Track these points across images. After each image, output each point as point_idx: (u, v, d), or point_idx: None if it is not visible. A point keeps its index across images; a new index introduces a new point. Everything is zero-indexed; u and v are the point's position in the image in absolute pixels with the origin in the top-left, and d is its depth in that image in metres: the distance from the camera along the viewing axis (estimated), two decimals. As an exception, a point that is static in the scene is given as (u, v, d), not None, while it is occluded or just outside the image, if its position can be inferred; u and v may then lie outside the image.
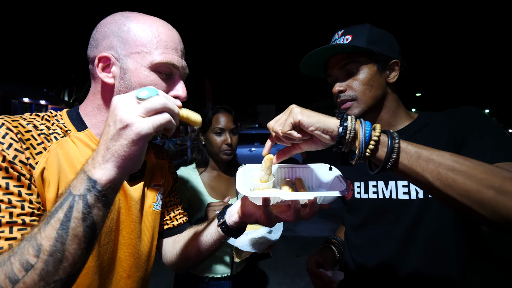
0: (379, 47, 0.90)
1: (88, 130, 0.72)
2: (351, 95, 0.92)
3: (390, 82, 0.94)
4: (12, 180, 0.55)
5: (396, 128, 0.96)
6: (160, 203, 0.88)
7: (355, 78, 0.91)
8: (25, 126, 0.62)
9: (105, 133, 0.50)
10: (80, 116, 0.74)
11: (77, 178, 0.50)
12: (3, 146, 0.56)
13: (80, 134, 0.71)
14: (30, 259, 0.45)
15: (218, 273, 1.43)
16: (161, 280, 3.13)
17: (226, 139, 1.46)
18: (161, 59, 0.68)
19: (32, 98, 13.66)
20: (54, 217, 0.47)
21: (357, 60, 0.91)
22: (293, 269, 3.57)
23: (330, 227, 4.91)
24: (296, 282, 3.31)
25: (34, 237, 0.46)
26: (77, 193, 0.48)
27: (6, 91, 11.55)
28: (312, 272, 1.00)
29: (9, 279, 0.44)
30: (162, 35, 0.70)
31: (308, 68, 1.03)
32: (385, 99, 0.94)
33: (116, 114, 0.48)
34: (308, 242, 4.34)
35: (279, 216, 0.68)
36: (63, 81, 22.60)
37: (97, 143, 0.71)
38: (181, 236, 0.90)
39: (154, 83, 0.69)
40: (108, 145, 0.49)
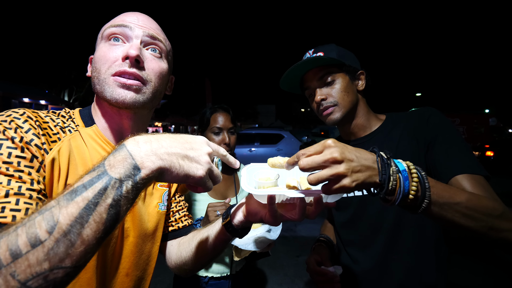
0: (347, 60, 1.06)
1: (95, 126, 0.74)
2: (332, 101, 1.04)
3: (360, 89, 1.09)
4: (24, 160, 0.56)
5: (370, 130, 1.09)
6: (165, 204, 0.88)
7: (333, 87, 1.05)
8: (43, 118, 0.66)
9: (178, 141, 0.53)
10: (90, 113, 0.77)
11: (117, 156, 0.46)
12: (22, 129, 0.58)
13: (87, 130, 0.73)
14: (40, 233, 0.39)
15: (218, 273, 1.43)
16: (161, 280, 3.13)
17: (224, 138, 1.45)
18: (109, 25, 0.72)
19: (32, 98, 13.67)
20: (81, 195, 0.42)
21: (332, 71, 1.05)
22: (293, 269, 3.57)
23: (330, 227, 4.91)
24: (296, 282, 3.31)
25: (50, 211, 0.41)
26: (115, 176, 0.44)
27: (6, 91, 11.56)
28: (314, 271, 1.04)
29: (10, 252, 0.38)
30: (120, 16, 0.74)
31: (287, 84, 1.15)
32: (358, 105, 1.09)
33: (201, 146, 0.56)
34: (308, 242, 4.34)
35: (284, 215, 0.68)
36: (63, 81, 22.62)
37: (103, 139, 0.73)
38: (186, 238, 0.89)
39: (104, 51, 0.70)
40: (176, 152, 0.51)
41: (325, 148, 0.57)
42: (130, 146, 0.47)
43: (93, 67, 0.72)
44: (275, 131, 10.09)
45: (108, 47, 0.70)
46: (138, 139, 0.49)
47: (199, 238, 0.83)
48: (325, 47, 1.06)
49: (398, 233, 0.97)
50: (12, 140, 0.56)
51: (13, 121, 0.58)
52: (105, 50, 0.70)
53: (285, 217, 0.68)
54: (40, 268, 0.39)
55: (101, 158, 0.49)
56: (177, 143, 0.52)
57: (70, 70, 21.92)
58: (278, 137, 9.65)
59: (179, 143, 0.52)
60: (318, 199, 0.65)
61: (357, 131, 1.10)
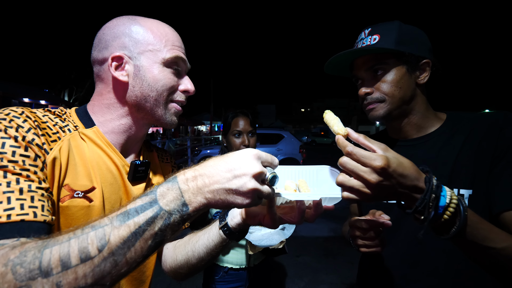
0: (409, 47, 0.85)
1: (95, 127, 0.74)
2: (378, 97, 0.88)
3: (420, 83, 0.89)
4: (28, 158, 0.57)
5: (426, 131, 0.92)
6: None
7: (383, 80, 0.87)
8: (42, 117, 0.66)
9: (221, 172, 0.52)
10: (88, 114, 0.76)
11: (169, 190, 0.50)
12: (23, 129, 0.58)
13: (88, 131, 0.72)
14: (90, 249, 0.43)
15: (237, 264, 1.58)
16: (161, 280, 3.14)
17: (244, 140, 1.60)
18: (172, 54, 0.74)
19: (32, 98, 13.65)
20: (132, 219, 0.46)
21: (385, 62, 0.87)
22: (293, 269, 3.57)
23: (330, 227, 4.91)
24: (296, 282, 3.31)
25: (102, 228, 0.45)
26: (165, 208, 0.48)
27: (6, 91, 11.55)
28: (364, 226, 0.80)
29: (61, 262, 0.41)
30: (168, 35, 0.76)
31: (332, 69, 1.01)
32: (414, 101, 0.90)
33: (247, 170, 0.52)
34: (308, 242, 4.34)
35: (283, 218, 0.67)
36: (63, 81, 22.60)
37: (105, 141, 0.73)
38: (182, 241, 0.88)
39: (167, 77, 0.75)
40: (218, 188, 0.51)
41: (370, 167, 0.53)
42: (181, 184, 0.51)
43: (148, 84, 0.73)
44: (275, 131, 10.09)
45: (170, 75, 0.76)
46: (187, 175, 0.52)
47: (195, 241, 0.81)
48: (385, 27, 0.87)
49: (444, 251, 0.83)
50: (15, 139, 0.56)
51: (13, 120, 0.58)
52: (168, 76, 0.75)
53: (284, 220, 0.67)
54: (84, 282, 0.42)
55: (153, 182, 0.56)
56: (220, 176, 0.51)
57: (70, 70, 21.90)
58: (278, 137, 9.65)
59: (222, 175, 0.51)
60: (317, 202, 0.64)
61: (409, 130, 0.93)
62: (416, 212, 0.56)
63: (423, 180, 0.56)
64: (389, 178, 0.54)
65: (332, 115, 0.64)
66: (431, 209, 0.55)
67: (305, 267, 3.63)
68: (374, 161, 0.53)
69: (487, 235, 0.60)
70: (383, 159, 0.53)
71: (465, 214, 0.57)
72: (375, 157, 0.53)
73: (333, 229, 4.83)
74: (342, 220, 1.22)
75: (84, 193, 0.66)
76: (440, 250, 0.83)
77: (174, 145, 10.99)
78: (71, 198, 0.64)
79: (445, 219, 0.56)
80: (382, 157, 0.53)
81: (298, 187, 0.71)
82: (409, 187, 0.56)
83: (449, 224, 0.58)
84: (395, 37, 0.85)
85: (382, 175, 0.53)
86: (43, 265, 0.41)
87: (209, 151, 9.59)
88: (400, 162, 0.55)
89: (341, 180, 0.56)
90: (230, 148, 1.63)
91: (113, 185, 0.73)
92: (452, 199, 0.57)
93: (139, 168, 0.78)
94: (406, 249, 0.89)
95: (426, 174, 0.57)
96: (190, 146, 11.54)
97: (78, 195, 0.65)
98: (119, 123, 0.76)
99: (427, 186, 0.56)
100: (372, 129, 37.50)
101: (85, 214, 0.66)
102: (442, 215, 0.56)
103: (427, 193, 0.55)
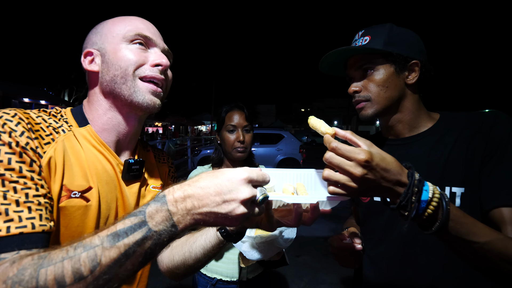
0: (397, 48, 0.89)
1: (89, 126, 0.74)
2: (365, 96, 0.92)
3: (409, 83, 0.91)
4: (24, 164, 0.56)
5: (418, 130, 0.93)
6: None
7: (371, 79, 0.91)
8: (35, 118, 0.65)
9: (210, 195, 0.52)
10: (83, 113, 0.77)
11: (158, 211, 0.50)
12: (16, 133, 0.57)
13: (81, 130, 0.72)
14: (83, 270, 0.45)
15: (227, 276, 1.40)
16: (161, 280, 3.14)
17: (238, 136, 1.45)
18: (132, 32, 0.74)
19: (32, 98, 13.65)
20: (122, 241, 0.47)
21: (373, 61, 0.90)
22: (293, 269, 3.57)
23: (330, 227, 4.92)
24: (296, 282, 3.31)
25: (93, 249, 0.46)
26: (154, 229, 0.49)
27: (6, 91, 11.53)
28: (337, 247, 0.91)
29: (56, 282, 0.44)
30: (132, 20, 0.77)
31: (326, 68, 1.04)
32: (404, 100, 0.92)
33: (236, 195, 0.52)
34: (308, 242, 4.34)
35: (281, 221, 0.67)
36: (63, 81, 22.59)
37: (98, 140, 0.73)
38: (179, 241, 0.88)
39: (131, 53, 0.72)
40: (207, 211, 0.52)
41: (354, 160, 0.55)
42: (170, 205, 0.51)
43: (112, 64, 0.72)
44: (275, 131, 10.10)
45: (135, 50, 0.73)
46: (176, 195, 0.52)
47: (192, 242, 0.81)
48: (376, 29, 0.91)
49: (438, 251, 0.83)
50: (9, 145, 0.55)
51: (5, 124, 0.57)
52: (132, 51, 0.73)
53: (281, 223, 0.67)
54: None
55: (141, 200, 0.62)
56: (209, 200, 0.51)
57: (70, 70, 21.89)
58: (278, 137, 9.65)
59: (211, 198, 0.51)
60: (314, 206, 0.65)
61: (401, 129, 0.95)
62: (400, 207, 0.58)
63: (406, 175, 0.58)
64: (373, 171, 0.55)
65: (316, 119, 0.67)
66: (414, 204, 0.57)
67: (305, 267, 3.63)
68: (358, 154, 0.55)
69: (471, 229, 0.61)
70: (366, 153, 0.55)
71: (448, 209, 0.58)
72: (358, 151, 0.55)
73: (333, 229, 4.83)
74: (342, 220, 1.22)
75: (81, 193, 0.66)
76: (433, 248, 0.84)
77: (174, 145, 10.99)
78: (68, 198, 0.64)
79: (428, 213, 0.58)
80: (365, 151, 0.55)
81: (296, 190, 0.72)
82: (393, 181, 0.57)
83: (432, 219, 0.59)
84: (384, 38, 0.89)
85: (366, 168, 0.55)
86: (40, 285, 0.44)
87: (209, 151, 9.58)
88: (383, 157, 0.57)
89: (327, 175, 0.58)
90: (224, 145, 1.48)
91: (109, 184, 0.73)
92: (435, 193, 0.58)
93: (133, 166, 0.77)
94: (399, 248, 0.90)
95: (409, 170, 0.59)
96: (190, 146, 11.55)
97: (75, 195, 0.65)
98: (106, 117, 0.76)
99: (410, 180, 0.57)
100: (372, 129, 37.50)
101: (82, 214, 0.66)
102: (425, 209, 0.58)
103: (410, 187, 0.57)
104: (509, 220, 0.72)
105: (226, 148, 1.48)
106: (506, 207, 0.73)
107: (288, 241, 1.17)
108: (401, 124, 0.94)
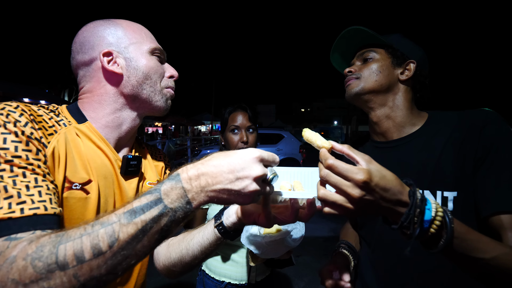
0: (398, 44, 0.95)
1: (88, 123, 0.75)
2: (356, 74, 0.95)
3: (402, 79, 0.92)
4: (31, 153, 0.58)
5: (407, 131, 0.92)
6: None
7: (368, 65, 0.95)
8: (36, 111, 0.67)
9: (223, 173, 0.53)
10: (80, 110, 0.78)
11: (172, 189, 0.52)
12: (20, 123, 0.59)
13: (81, 126, 0.74)
14: (102, 246, 0.46)
15: (236, 279, 1.38)
16: (161, 280, 3.14)
17: (242, 136, 1.45)
18: (153, 45, 0.82)
19: (32, 98, 13.63)
20: (139, 217, 0.49)
21: (374, 50, 0.96)
22: (293, 269, 3.57)
23: (330, 227, 4.92)
24: (296, 282, 3.32)
25: (111, 226, 0.48)
26: (169, 206, 0.51)
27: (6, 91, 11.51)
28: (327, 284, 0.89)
29: (76, 257, 0.45)
30: (143, 29, 0.85)
31: (337, 62, 1.09)
32: (395, 96, 0.93)
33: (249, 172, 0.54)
34: (308, 242, 4.33)
35: (278, 217, 0.69)
36: (63, 81, 22.58)
37: (98, 136, 0.75)
38: (175, 239, 0.88)
39: (156, 65, 0.82)
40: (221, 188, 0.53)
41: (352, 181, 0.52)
42: (184, 183, 0.53)
43: (141, 72, 0.78)
44: (275, 131, 10.11)
45: (156, 62, 0.83)
46: (190, 173, 0.54)
47: (190, 239, 0.82)
48: (389, 37, 0.97)
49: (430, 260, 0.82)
50: (15, 134, 0.57)
51: (9, 114, 0.59)
52: (156, 64, 0.83)
53: (278, 219, 0.69)
54: (98, 273, 0.46)
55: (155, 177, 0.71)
56: (223, 177, 0.53)
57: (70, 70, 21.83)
58: (278, 137, 9.66)
59: (225, 176, 0.53)
60: (311, 202, 0.66)
61: (390, 129, 0.94)
62: (402, 228, 0.55)
63: (407, 194, 0.55)
64: (371, 192, 0.52)
65: (311, 132, 0.65)
66: (417, 225, 0.54)
67: (305, 267, 3.63)
68: (356, 174, 0.51)
69: (476, 245, 0.58)
70: (365, 173, 0.51)
71: (452, 227, 0.55)
72: (357, 170, 0.52)
73: (333, 229, 4.83)
74: (342, 220, 1.22)
75: (82, 185, 0.68)
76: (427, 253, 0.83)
77: (174, 145, 10.98)
78: (69, 189, 0.66)
79: (431, 233, 0.55)
80: (364, 170, 0.52)
81: (293, 188, 0.73)
82: (393, 201, 0.54)
83: (436, 238, 0.56)
84: (391, 38, 0.96)
85: (364, 189, 0.51)
86: (59, 260, 0.44)
87: (209, 151, 9.59)
88: (383, 175, 0.53)
89: (323, 195, 0.55)
90: (228, 146, 1.48)
91: (107, 179, 0.74)
92: (438, 211, 0.55)
93: (131, 162, 0.79)
94: (395, 252, 0.89)
95: (410, 188, 0.56)
96: (190, 146, 11.54)
97: (76, 187, 0.67)
98: (114, 116, 0.78)
99: (411, 200, 0.54)
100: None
101: (82, 206, 0.68)
102: (428, 229, 0.55)
103: (412, 208, 0.54)
104: (509, 227, 0.69)
105: (230, 149, 1.48)
106: (505, 214, 0.70)
107: (297, 240, 1.16)
108: (390, 120, 0.93)
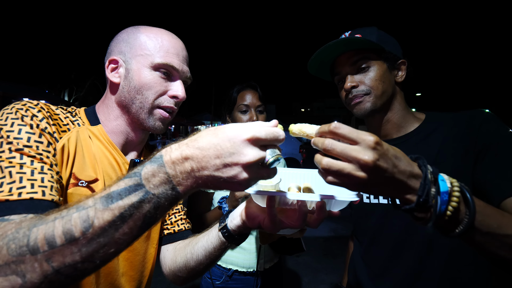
0: (387, 46, 0.92)
1: (100, 126, 0.79)
2: (364, 89, 0.90)
3: (398, 81, 0.94)
4: (42, 144, 0.62)
5: (406, 130, 0.93)
6: None
7: (367, 74, 0.91)
8: (54, 110, 0.73)
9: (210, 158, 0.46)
10: (95, 113, 0.82)
11: (154, 173, 0.46)
12: (37, 118, 0.65)
13: (93, 128, 0.78)
14: (75, 232, 0.42)
15: (243, 267, 1.32)
16: (161, 280, 3.13)
17: (251, 116, 1.34)
18: (161, 60, 0.76)
19: (32, 98, 13.64)
20: (116, 203, 0.44)
21: (368, 56, 0.91)
22: (293, 269, 3.57)
23: (330, 227, 4.91)
24: (296, 282, 3.31)
25: (86, 210, 0.44)
26: (152, 191, 0.45)
27: (6, 91, 11.52)
28: None
29: (46, 241, 0.42)
30: (165, 42, 0.78)
31: (315, 67, 1.01)
32: (395, 98, 0.94)
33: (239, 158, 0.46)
34: (308, 242, 4.33)
35: (284, 221, 0.64)
36: (63, 81, 22.58)
37: (107, 139, 0.78)
38: (182, 243, 0.86)
39: (154, 81, 0.76)
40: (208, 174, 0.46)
41: (362, 143, 0.45)
42: (168, 167, 0.46)
43: (134, 86, 0.75)
44: (275, 131, 10.08)
45: (158, 78, 0.77)
46: (173, 156, 0.47)
47: (195, 243, 0.80)
48: (365, 30, 0.93)
49: (429, 252, 0.82)
50: (30, 126, 0.62)
51: (28, 109, 0.64)
52: (155, 80, 0.76)
53: (284, 224, 0.64)
54: (72, 260, 0.42)
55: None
56: (208, 163, 0.46)
57: (70, 70, 21.88)
58: (278, 137, 9.64)
59: (210, 162, 0.46)
60: (320, 205, 0.59)
61: (390, 130, 0.95)
62: (419, 205, 0.48)
63: (417, 166, 0.50)
64: (384, 157, 0.45)
65: (297, 124, 0.59)
66: (435, 198, 0.47)
67: (305, 267, 3.63)
68: (366, 135, 0.45)
69: (501, 220, 0.51)
70: (374, 136, 0.46)
71: (473, 199, 0.48)
72: (365, 132, 0.46)
73: (333, 229, 4.82)
74: (342, 220, 1.22)
75: (88, 183, 0.70)
76: (422, 244, 0.84)
77: (174, 145, 10.97)
78: (75, 186, 0.68)
79: (453, 207, 0.47)
80: (372, 134, 0.46)
81: (301, 191, 0.68)
82: (406, 173, 0.48)
83: (455, 216, 0.49)
84: (376, 36, 0.91)
85: (377, 153, 0.45)
86: (30, 243, 0.42)
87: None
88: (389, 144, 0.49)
89: (327, 163, 0.46)
90: None
91: (114, 180, 0.74)
92: (453, 183, 0.49)
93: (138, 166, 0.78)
94: (390, 248, 0.90)
95: (418, 161, 0.52)
96: (190, 146, 11.51)
97: (82, 184, 0.69)
98: (116, 123, 0.80)
99: (424, 170, 0.49)
100: (372, 129, 37.28)
101: None
102: (448, 203, 0.47)
103: (426, 178, 0.48)
104: None
105: None
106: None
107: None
108: (389, 123, 0.95)
